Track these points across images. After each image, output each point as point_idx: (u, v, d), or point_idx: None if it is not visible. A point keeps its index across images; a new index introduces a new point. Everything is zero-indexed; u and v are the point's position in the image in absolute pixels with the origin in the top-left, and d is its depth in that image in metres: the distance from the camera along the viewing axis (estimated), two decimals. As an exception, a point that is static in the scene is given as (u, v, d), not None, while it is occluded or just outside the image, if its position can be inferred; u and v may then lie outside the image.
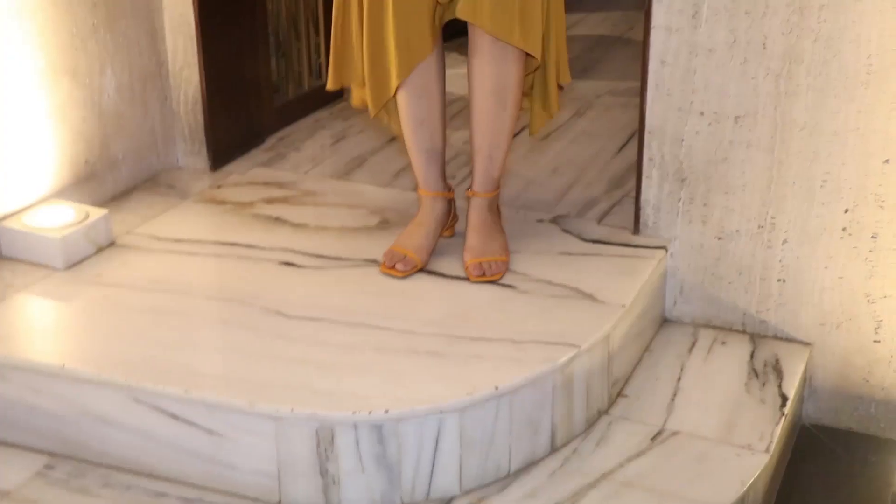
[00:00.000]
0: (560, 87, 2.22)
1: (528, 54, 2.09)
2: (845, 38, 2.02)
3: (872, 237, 2.11)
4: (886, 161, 2.06)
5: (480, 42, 2.08)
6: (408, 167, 2.52)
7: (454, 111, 3.03)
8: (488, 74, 2.10)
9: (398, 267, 2.14)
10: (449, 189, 2.24)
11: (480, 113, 2.13)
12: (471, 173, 2.22)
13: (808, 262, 2.17)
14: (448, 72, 2.18)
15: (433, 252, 2.19)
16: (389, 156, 2.82)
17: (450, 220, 2.26)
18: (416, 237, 2.18)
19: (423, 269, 2.16)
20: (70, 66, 2.37)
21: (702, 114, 2.17)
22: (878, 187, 2.08)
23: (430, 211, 2.20)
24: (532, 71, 2.16)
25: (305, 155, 2.85)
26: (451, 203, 2.25)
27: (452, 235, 2.27)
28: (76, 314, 2.07)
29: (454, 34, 2.23)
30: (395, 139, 2.83)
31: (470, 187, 2.21)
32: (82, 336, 1.99)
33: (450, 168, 2.49)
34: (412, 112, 2.15)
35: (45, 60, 2.30)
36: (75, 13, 2.36)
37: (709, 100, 2.15)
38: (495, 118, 2.13)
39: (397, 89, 2.12)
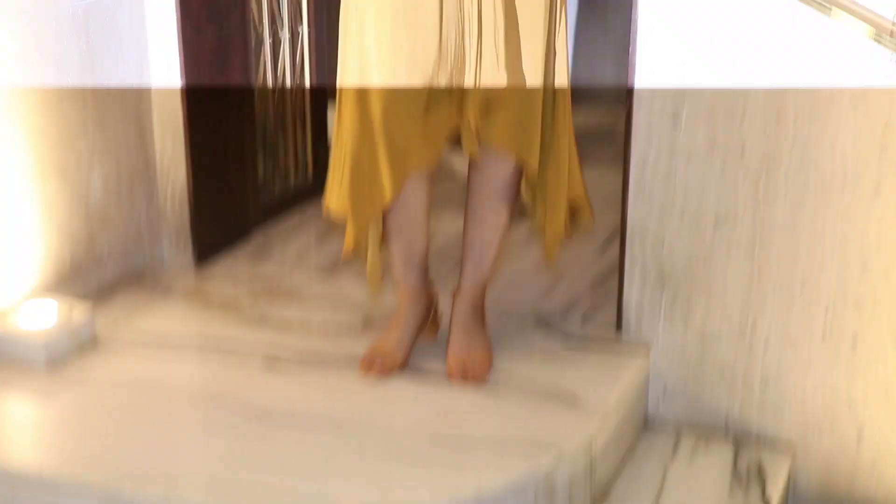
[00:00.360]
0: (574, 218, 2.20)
1: None
2: (821, 143, 2.06)
3: (852, 340, 2.12)
4: (864, 265, 2.08)
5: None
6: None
7: (441, 202, 3.05)
8: (489, 170, 2.10)
9: (376, 367, 2.12)
10: (430, 289, 2.23)
11: (476, 208, 2.13)
12: (458, 268, 2.21)
13: (790, 365, 2.18)
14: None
15: (413, 349, 2.17)
16: (374, 252, 2.83)
17: (431, 319, 2.24)
18: (393, 336, 2.16)
19: (404, 367, 2.15)
20: (58, 164, 2.39)
21: (682, 216, 2.19)
22: (857, 291, 2.10)
23: (407, 310, 2.18)
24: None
25: (290, 252, 2.87)
26: (431, 303, 2.24)
27: (436, 336, 2.26)
28: (55, 415, 2.05)
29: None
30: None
31: (457, 284, 2.21)
32: (60, 438, 1.97)
33: (434, 262, 2.50)
34: (389, 218, 2.13)
35: (34, 157, 2.32)
36: (66, 111, 2.39)
37: (689, 202, 2.18)
38: (492, 214, 2.13)
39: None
